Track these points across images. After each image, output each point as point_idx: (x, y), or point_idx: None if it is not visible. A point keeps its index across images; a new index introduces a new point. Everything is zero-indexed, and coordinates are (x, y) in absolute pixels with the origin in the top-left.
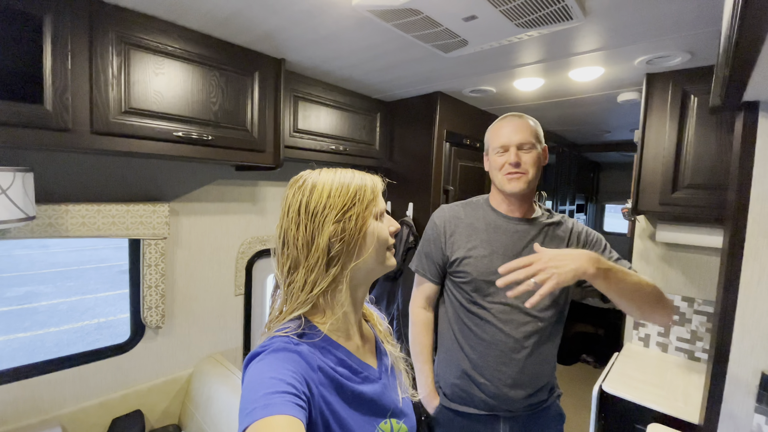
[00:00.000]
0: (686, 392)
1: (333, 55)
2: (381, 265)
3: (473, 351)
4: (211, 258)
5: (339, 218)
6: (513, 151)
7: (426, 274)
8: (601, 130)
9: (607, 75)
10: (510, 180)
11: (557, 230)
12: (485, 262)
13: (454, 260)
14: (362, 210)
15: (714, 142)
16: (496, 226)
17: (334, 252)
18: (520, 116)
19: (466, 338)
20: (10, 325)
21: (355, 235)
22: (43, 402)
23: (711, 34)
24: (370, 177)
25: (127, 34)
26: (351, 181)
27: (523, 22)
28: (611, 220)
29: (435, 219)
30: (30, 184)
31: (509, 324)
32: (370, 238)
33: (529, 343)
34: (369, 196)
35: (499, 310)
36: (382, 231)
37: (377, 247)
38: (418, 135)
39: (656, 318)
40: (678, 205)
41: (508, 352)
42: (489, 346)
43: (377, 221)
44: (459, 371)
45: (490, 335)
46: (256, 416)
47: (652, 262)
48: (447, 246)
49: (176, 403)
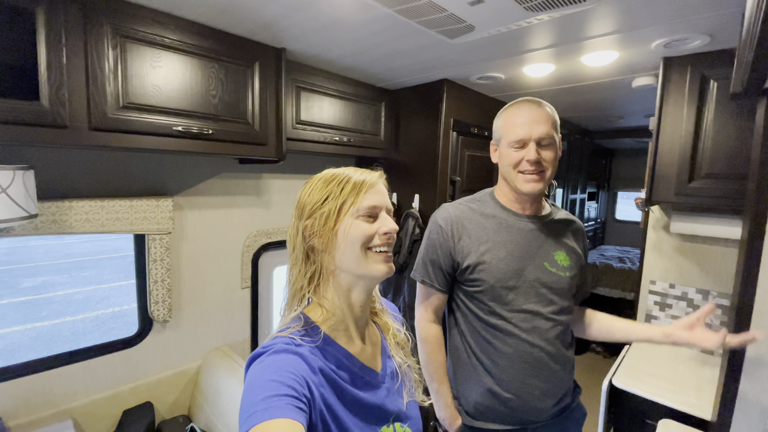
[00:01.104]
0: (699, 387)
1: (334, 43)
2: (361, 266)
3: (495, 366)
4: (216, 252)
5: (311, 213)
6: (533, 148)
7: (434, 284)
8: (614, 116)
9: (622, 59)
10: (528, 180)
11: (568, 228)
12: (501, 267)
13: (466, 267)
14: (336, 206)
15: (734, 129)
16: (508, 226)
17: (309, 245)
18: (539, 104)
19: (486, 353)
20: (27, 315)
21: (326, 229)
22: (54, 395)
23: (732, 16)
24: (364, 173)
25: (123, 27)
26: (336, 176)
27: (533, 5)
28: (623, 207)
29: (439, 221)
30: (31, 181)
31: (533, 333)
32: (341, 236)
33: (554, 349)
34: (347, 190)
35: (521, 318)
36: (358, 229)
37: (350, 245)
38: (424, 124)
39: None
40: (695, 195)
41: (536, 363)
42: (513, 360)
43: (358, 219)
44: (482, 389)
45: (514, 348)
46: (256, 420)
47: (666, 254)
48: (456, 251)
49: (185, 394)
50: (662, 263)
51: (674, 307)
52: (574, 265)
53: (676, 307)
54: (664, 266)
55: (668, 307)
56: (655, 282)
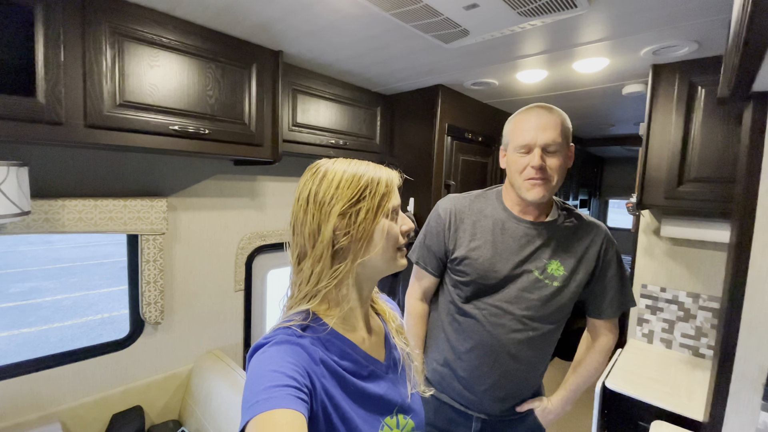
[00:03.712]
0: (690, 389)
1: (331, 46)
2: (389, 265)
3: (458, 345)
4: (210, 253)
5: (345, 210)
6: (537, 154)
7: (427, 267)
8: (605, 124)
9: (613, 66)
10: (532, 187)
11: (572, 238)
12: (486, 265)
13: (454, 258)
14: (373, 205)
15: (721, 135)
16: (504, 227)
17: (339, 245)
18: (549, 109)
19: (455, 332)
20: (14, 321)
21: (362, 230)
22: (42, 398)
23: (719, 23)
24: (387, 170)
25: (121, 26)
26: (364, 173)
27: (526, 10)
28: (615, 216)
29: (440, 210)
30: (24, 178)
31: (499, 328)
32: (379, 235)
33: (517, 350)
34: (382, 190)
35: (491, 312)
36: (393, 230)
37: (385, 246)
38: (419, 129)
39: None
40: (684, 198)
41: (493, 356)
42: (474, 347)
43: (388, 218)
44: (442, 358)
45: (478, 336)
46: (257, 410)
47: (657, 258)
48: (449, 240)
49: (176, 398)
50: (653, 267)
51: (665, 310)
52: (569, 276)
53: (667, 310)
54: (654, 270)
55: (659, 310)
56: (646, 286)
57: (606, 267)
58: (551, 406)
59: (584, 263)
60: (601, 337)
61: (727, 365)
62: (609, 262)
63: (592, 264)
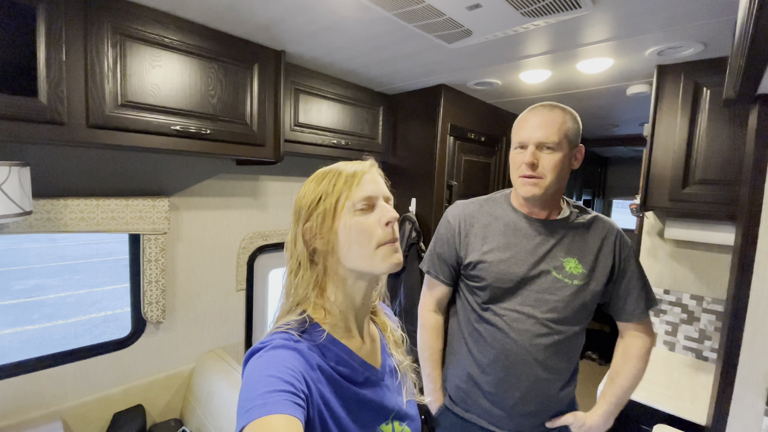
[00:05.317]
0: (693, 392)
1: (333, 46)
2: (371, 262)
3: (482, 357)
4: (212, 253)
5: (309, 215)
6: (530, 151)
7: (438, 276)
8: (609, 124)
9: (617, 67)
10: (523, 184)
11: (586, 235)
12: (502, 268)
13: (468, 263)
14: (331, 203)
15: (726, 137)
16: (516, 228)
17: (312, 250)
18: (552, 108)
19: (477, 343)
20: (18, 318)
21: (325, 231)
22: (44, 396)
23: (725, 24)
24: (354, 164)
25: (123, 26)
26: (326, 173)
27: (530, 10)
28: (618, 216)
29: (449, 217)
30: (26, 178)
31: (523, 334)
32: (343, 233)
33: (544, 357)
34: (341, 185)
35: (513, 318)
36: (362, 225)
37: (358, 242)
38: (422, 129)
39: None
40: (688, 201)
41: (520, 365)
42: (498, 357)
43: (356, 213)
44: (465, 374)
45: (501, 344)
46: (253, 415)
47: (661, 260)
48: (461, 247)
49: (178, 397)
50: (657, 269)
51: (669, 312)
52: (589, 273)
53: (670, 312)
54: (658, 272)
55: (663, 312)
56: None
57: (625, 265)
58: (590, 422)
59: (602, 259)
60: (637, 340)
61: (730, 370)
62: (627, 260)
63: (610, 260)
